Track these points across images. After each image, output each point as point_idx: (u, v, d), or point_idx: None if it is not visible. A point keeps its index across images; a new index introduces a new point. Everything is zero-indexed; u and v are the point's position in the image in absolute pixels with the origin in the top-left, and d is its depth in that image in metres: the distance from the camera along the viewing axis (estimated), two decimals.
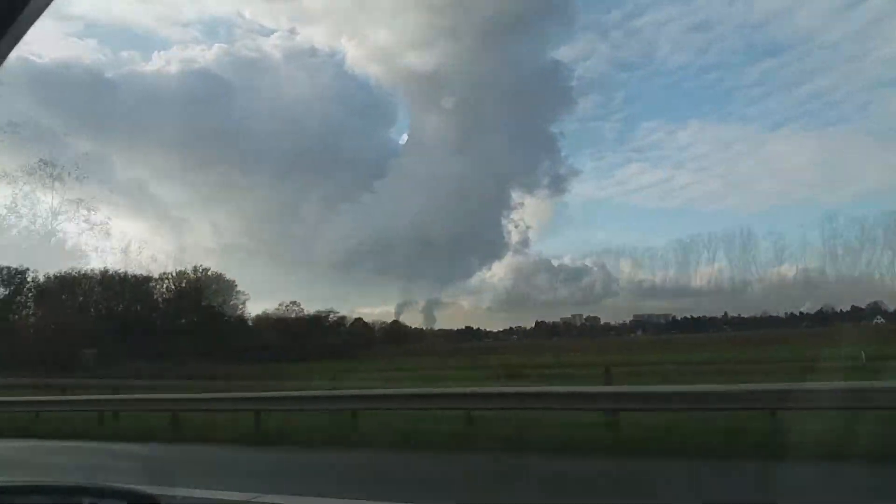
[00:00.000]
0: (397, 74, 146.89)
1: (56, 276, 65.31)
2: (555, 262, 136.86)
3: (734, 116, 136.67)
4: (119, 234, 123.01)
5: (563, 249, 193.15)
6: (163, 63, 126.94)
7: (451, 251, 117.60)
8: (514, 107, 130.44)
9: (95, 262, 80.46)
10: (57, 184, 61.04)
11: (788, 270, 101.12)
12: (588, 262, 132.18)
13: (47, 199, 67.07)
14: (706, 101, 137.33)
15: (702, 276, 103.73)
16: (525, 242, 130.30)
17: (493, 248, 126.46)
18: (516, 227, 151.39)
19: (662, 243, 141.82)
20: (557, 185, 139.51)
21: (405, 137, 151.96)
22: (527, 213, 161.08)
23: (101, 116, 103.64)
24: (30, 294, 64.86)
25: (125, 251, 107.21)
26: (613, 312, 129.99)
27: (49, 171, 59.45)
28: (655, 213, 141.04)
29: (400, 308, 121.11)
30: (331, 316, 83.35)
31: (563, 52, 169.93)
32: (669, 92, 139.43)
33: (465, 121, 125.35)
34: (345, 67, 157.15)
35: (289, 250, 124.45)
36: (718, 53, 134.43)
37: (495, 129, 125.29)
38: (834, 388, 7.69)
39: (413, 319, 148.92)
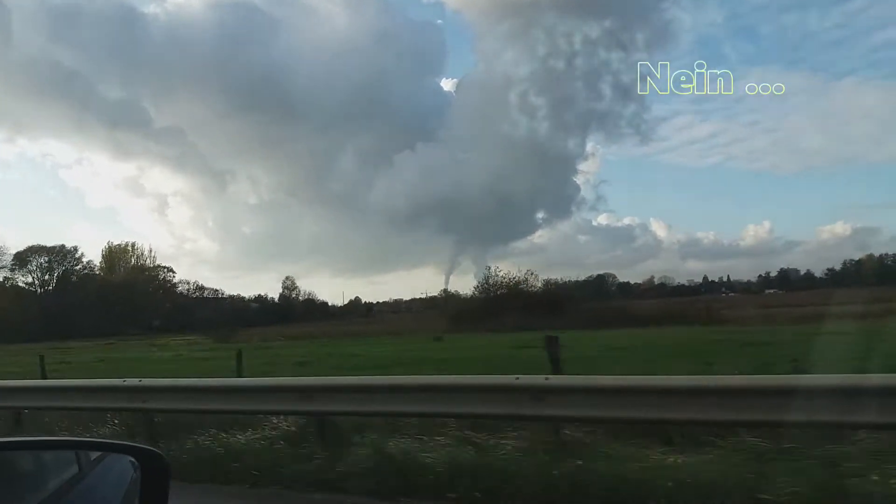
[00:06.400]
0: None
1: None
2: (593, 223, 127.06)
3: (804, 65, 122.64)
4: None
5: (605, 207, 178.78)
6: None
7: (509, 207, 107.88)
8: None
9: None
10: None
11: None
12: (627, 222, 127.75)
13: None
14: (778, 46, 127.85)
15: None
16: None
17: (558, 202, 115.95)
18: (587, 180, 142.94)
19: (695, 204, 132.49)
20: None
21: (463, 78, 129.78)
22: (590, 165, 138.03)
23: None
24: None
25: None
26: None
27: None
28: (690, 171, 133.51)
29: (449, 269, 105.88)
30: None
31: None
32: (742, 36, 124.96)
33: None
34: None
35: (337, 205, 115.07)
36: None
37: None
38: None
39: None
